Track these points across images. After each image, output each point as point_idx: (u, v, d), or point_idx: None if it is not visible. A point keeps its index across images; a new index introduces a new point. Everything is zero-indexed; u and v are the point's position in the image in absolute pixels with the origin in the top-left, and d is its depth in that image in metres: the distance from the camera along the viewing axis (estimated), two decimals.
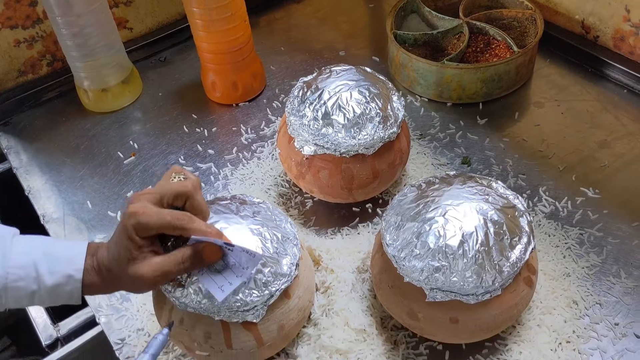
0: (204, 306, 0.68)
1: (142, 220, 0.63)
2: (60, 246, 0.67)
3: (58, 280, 0.65)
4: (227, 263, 0.67)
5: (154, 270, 0.64)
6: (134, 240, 0.63)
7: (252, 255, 0.66)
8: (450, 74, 1.11)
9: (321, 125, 0.86)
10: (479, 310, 0.70)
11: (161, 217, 0.63)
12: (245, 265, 0.67)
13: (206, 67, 1.18)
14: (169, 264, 0.64)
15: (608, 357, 0.76)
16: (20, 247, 0.66)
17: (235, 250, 0.66)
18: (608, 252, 0.88)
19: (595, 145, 1.05)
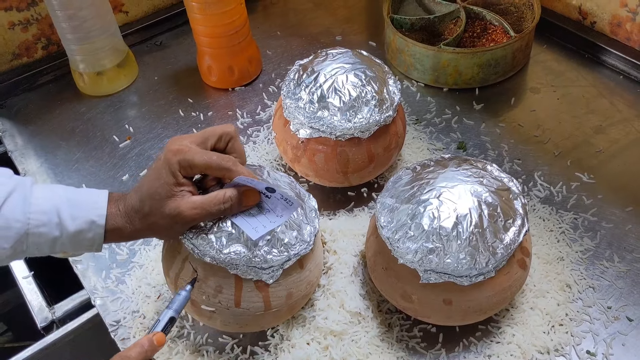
0: (222, 257, 0.67)
1: (188, 157, 0.63)
2: (82, 193, 0.67)
3: (81, 226, 0.65)
4: (262, 209, 0.68)
5: (194, 206, 0.64)
6: (176, 177, 0.63)
7: (290, 203, 0.68)
8: (447, 58, 1.10)
9: (317, 109, 0.86)
10: (473, 292, 0.71)
11: (208, 156, 0.64)
12: (280, 214, 0.68)
13: (202, 51, 1.18)
14: (209, 203, 0.64)
15: (600, 339, 0.77)
16: (42, 192, 0.65)
17: (272, 197, 0.67)
18: (602, 236, 0.88)
19: (590, 131, 1.05)
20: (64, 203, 0.65)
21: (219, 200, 0.65)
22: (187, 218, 0.64)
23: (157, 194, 0.64)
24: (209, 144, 0.67)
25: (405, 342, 0.78)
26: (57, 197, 0.65)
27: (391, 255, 0.72)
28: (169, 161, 0.64)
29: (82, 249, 0.68)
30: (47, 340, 0.91)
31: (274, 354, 0.78)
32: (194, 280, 0.69)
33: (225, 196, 0.65)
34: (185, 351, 0.79)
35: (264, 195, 0.68)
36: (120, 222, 0.67)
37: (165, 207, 0.64)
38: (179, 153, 0.64)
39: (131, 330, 0.82)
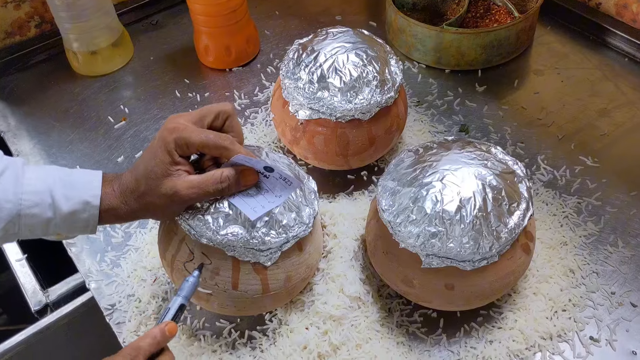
0: (219, 239, 0.66)
1: (185, 135, 0.62)
2: (75, 173, 0.66)
3: (74, 206, 0.64)
4: (260, 190, 0.67)
5: (190, 185, 0.63)
6: (172, 156, 0.62)
7: (289, 182, 0.67)
8: (449, 39, 1.08)
9: (316, 89, 0.83)
10: (475, 277, 0.69)
11: (205, 134, 0.63)
12: (278, 194, 0.67)
13: (199, 30, 1.15)
14: (206, 182, 0.63)
15: (604, 325, 0.76)
16: (34, 173, 0.64)
17: (271, 177, 0.66)
18: (606, 221, 0.87)
19: (594, 114, 1.03)
20: (57, 183, 0.63)
21: (216, 180, 0.63)
22: (184, 197, 0.63)
23: (152, 173, 0.63)
24: (205, 122, 0.65)
25: (406, 327, 0.77)
26: (50, 177, 0.64)
27: (392, 239, 0.70)
28: (164, 140, 0.62)
29: (76, 231, 0.67)
30: (41, 323, 0.90)
31: (272, 339, 0.76)
32: (202, 266, 0.67)
33: (223, 175, 0.63)
34: (181, 335, 0.78)
35: (262, 176, 0.67)
36: (115, 203, 0.65)
37: (161, 187, 0.63)
38: (175, 131, 0.62)
39: (126, 314, 0.81)
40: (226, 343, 0.77)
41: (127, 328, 0.79)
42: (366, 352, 0.74)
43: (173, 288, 0.82)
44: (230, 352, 0.76)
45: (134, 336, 0.78)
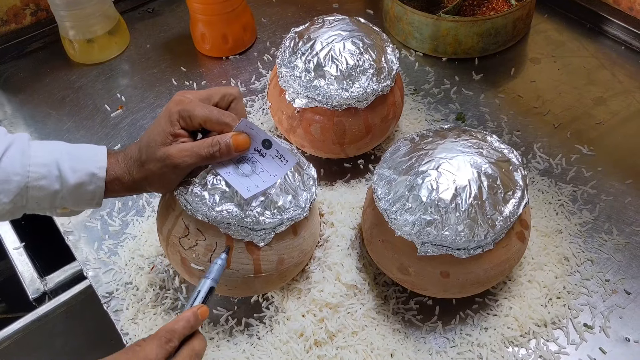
0: (214, 215, 0.66)
1: (189, 107, 0.63)
2: (81, 147, 0.67)
3: (81, 178, 0.65)
4: (255, 169, 0.67)
5: (182, 149, 0.64)
6: (173, 126, 0.64)
7: (284, 161, 0.67)
8: (446, 27, 1.08)
9: (313, 77, 0.83)
10: (470, 265, 0.70)
11: (209, 110, 0.64)
12: (273, 173, 0.67)
13: (195, 18, 1.15)
14: (198, 146, 0.64)
15: (598, 312, 0.76)
16: (40, 146, 0.65)
17: (267, 155, 0.67)
18: (601, 209, 0.87)
19: (590, 102, 1.03)
20: (63, 156, 0.64)
21: (208, 144, 0.64)
22: (176, 161, 0.64)
23: (153, 142, 0.64)
24: (211, 101, 0.67)
25: (402, 315, 0.78)
26: (56, 150, 0.65)
27: (388, 227, 0.71)
28: (169, 110, 0.64)
29: (82, 204, 0.68)
30: (39, 311, 0.90)
31: (268, 326, 0.77)
32: (228, 249, 0.67)
33: (214, 140, 0.64)
34: None
35: (258, 154, 0.67)
36: (119, 172, 0.67)
37: (157, 152, 0.64)
38: (180, 103, 0.64)
39: (124, 302, 0.81)
40: (223, 330, 0.78)
41: (125, 316, 0.80)
42: (362, 339, 0.74)
43: (170, 275, 0.83)
44: (228, 339, 0.77)
45: (132, 324, 0.79)
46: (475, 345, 0.74)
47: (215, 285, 0.64)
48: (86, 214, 0.93)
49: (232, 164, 0.67)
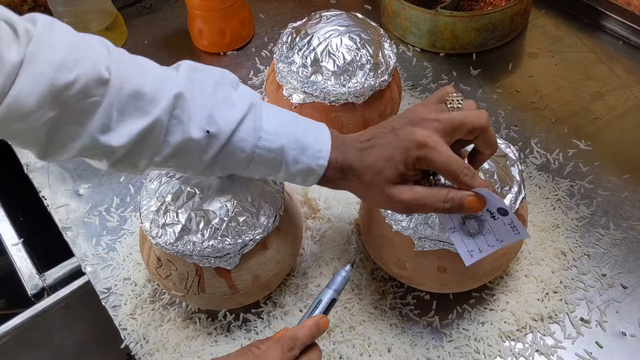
0: (176, 248, 0.67)
1: (430, 157, 0.56)
2: (309, 134, 0.62)
3: (299, 170, 0.61)
4: (482, 229, 0.62)
5: (414, 197, 0.58)
6: (408, 169, 0.58)
7: (516, 232, 0.60)
8: (444, 22, 1.08)
9: (310, 73, 0.83)
10: None
11: (448, 163, 0.56)
12: (500, 238, 0.61)
13: (193, 13, 1.15)
14: (430, 198, 0.58)
15: (594, 307, 0.77)
16: (272, 125, 0.60)
17: (498, 219, 0.60)
18: (598, 204, 0.87)
19: (588, 97, 1.03)
20: (290, 143, 0.60)
21: (441, 199, 0.58)
22: (405, 208, 0.59)
23: (382, 173, 0.59)
24: (455, 137, 0.58)
25: (399, 310, 0.78)
26: (285, 135, 0.61)
27: (385, 222, 0.71)
28: (409, 152, 0.57)
29: (289, 182, 0.66)
30: (38, 307, 0.90)
31: (266, 321, 0.77)
32: (354, 262, 0.67)
33: (448, 196, 0.58)
34: (177, 318, 0.79)
35: (489, 215, 0.61)
36: (334, 175, 0.62)
37: (386, 188, 0.59)
38: (422, 148, 0.56)
39: (122, 298, 0.81)
40: (221, 326, 0.78)
41: (123, 311, 0.80)
42: (359, 334, 0.74)
43: None
44: (226, 334, 0.77)
45: (130, 319, 0.79)
46: (472, 340, 0.74)
47: (337, 297, 0.62)
48: (84, 209, 0.93)
49: (458, 217, 0.62)
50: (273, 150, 0.60)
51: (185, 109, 0.56)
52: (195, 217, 0.67)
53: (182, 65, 0.60)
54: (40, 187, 0.98)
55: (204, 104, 0.57)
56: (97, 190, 0.96)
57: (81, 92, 0.50)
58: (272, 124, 0.61)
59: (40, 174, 1.00)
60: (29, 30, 0.49)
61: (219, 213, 0.67)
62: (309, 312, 0.60)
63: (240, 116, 0.58)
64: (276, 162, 0.61)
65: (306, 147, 0.61)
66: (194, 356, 0.75)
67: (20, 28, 0.48)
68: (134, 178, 0.97)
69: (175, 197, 0.69)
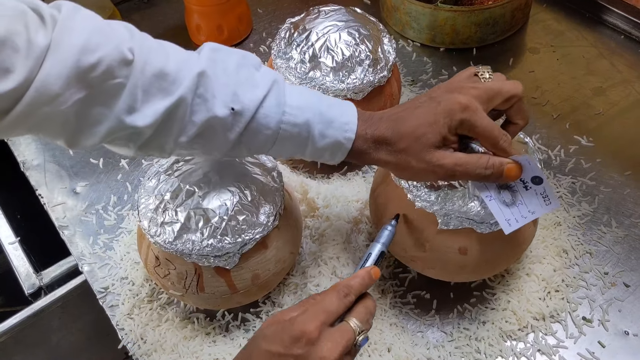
0: (175, 247, 0.66)
1: (473, 120, 0.58)
2: (333, 107, 0.61)
3: (326, 144, 0.61)
4: (515, 200, 0.63)
5: (457, 163, 0.59)
6: (451, 132, 0.59)
7: (548, 202, 0.62)
8: (444, 17, 1.07)
9: (308, 68, 0.82)
10: (489, 242, 0.67)
11: (490, 128, 0.58)
12: (532, 210, 0.62)
13: (190, 9, 1.13)
14: (472, 164, 0.59)
15: (596, 305, 0.76)
16: (296, 100, 0.60)
17: (530, 189, 0.62)
18: (600, 201, 0.87)
19: (590, 93, 1.02)
20: (316, 117, 0.60)
21: (482, 165, 0.59)
22: (447, 172, 0.59)
23: (424, 138, 0.59)
24: (492, 105, 0.60)
25: (399, 309, 0.77)
26: (309, 109, 0.60)
27: (406, 200, 0.68)
28: (453, 114, 0.58)
29: (314, 160, 0.65)
30: (35, 306, 0.90)
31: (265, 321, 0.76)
32: (398, 216, 0.65)
33: (489, 162, 0.59)
34: (175, 318, 0.78)
35: (521, 185, 0.62)
36: (364, 147, 0.62)
37: (427, 154, 0.59)
38: (466, 110, 0.58)
39: (119, 297, 0.81)
40: (220, 325, 0.77)
41: (121, 311, 0.79)
42: None
43: None
44: (224, 334, 0.76)
45: (127, 319, 0.78)
46: (473, 340, 0.74)
47: (386, 250, 0.62)
48: (81, 208, 0.92)
49: (494, 186, 0.62)
50: (298, 125, 0.60)
51: (209, 87, 0.56)
52: (195, 216, 0.66)
53: (205, 47, 0.60)
54: (36, 185, 0.97)
55: (227, 83, 0.57)
56: (94, 188, 0.95)
57: (105, 74, 0.51)
58: (295, 99, 0.60)
59: (37, 172, 0.99)
60: (54, 16, 0.50)
61: (219, 212, 0.66)
62: (360, 264, 0.61)
63: (263, 93, 0.58)
64: (302, 137, 0.60)
65: (332, 120, 0.60)
66: (192, 356, 0.74)
67: (47, 14, 0.49)
68: (131, 176, 0.96)
69: (174, 195, 0.68)
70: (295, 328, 0.51)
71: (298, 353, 0.50)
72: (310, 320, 0.51)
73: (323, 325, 0.51)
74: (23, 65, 0.46)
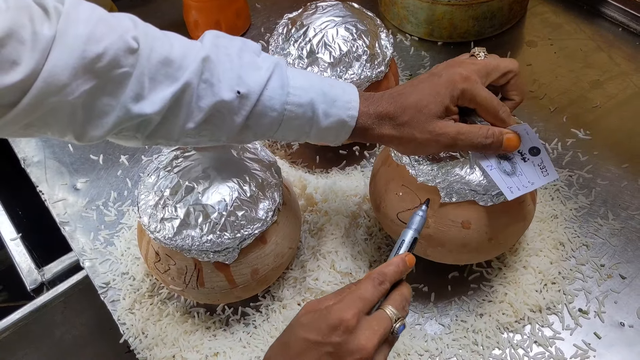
0: (175, 243, 0.67)
1: (474, 90, 0.61)
2: (335, 87, 0.63)
3: (331, 124, 0.62)
4: (514, 170, 0.65)
5: (460, 132, 0.61)
6: (453, 102, 0.61)
7: (545, 173, 0.65)
8: (442, 11, 1.07)
9: (306, 64, 0.83)
10: (491, 215, 0.68)
11: (490, 98, 0.62)
12: (531, 180, 0.64)
13: (188, 4, 1.14)
14: (473, 133, 0.61)
15: (592, 297, 0.77)
16: (299, 81, 0.61)
17: (528, 161, 0.65)
18: (597, 193, 0.87)
19: (587, 86, 1.03)
20: (319, 97, 0.61)
21: (483, 134, 0.62)
22: (450, 141, 0.61)
23: (427, 109, 0.61)
24: (491, 79, 0.64)
25: None
26: (312, 89, 0.62)
27: (408, 177, 0.69)
28: (454, 84, 0.61)
29: (319, 142, 0.66)
30: (37, 302, 0.90)
31: (265, 315, 0.77)
32: (428, 201, 0.64)
33: (489, 132, 0.62)
34: (175, 313, 0.79)
35: (519, 156, 0.65)
36: (367, 123, 0.63)
37: (429, 124, 0.61)
38: (467, 81, 0.61)
39: (120, 292, 0.82)
40: (220, 320, 0.78)
41: (122, 306, 0.80)
42: None
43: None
44: (224, 328, 0.77)
45: (129, 314, 0.79)
46: (471, 332, 0.74)
47: (418, 236, 0.61)
48: (82, 204, 0.93)
49: (494, 157, 0.65)
50: (303, 106, 0.61)
51: (214, 72, 0.57)
52: (194, 212, 0.67)
53: (207, 35, 0.61)
54: (37, 182, 0.98)
55: (232, 67, 0.58)
56: (94, 184, 0.96)
57: (111, 63, 0.52)
58: (298, 80, 0.62)
59: (38, 169, 1.00)
60: (58, 8, 0.50)
61: (218, 207, 0.67)
62: (394, 252, 0.60)
63: (267, 75, 0.60)
64: (307, 117, 0.62)
65: (335, 99, 0.62)
66: (192, 350, 0.75)
67: (51, 7, 0.50)
68: (130, 172, 0.97)
69: (173, 191, 0.69)
70: (333, 316, 0.50)
71: (336, 341, 0.50)
72: (347, 308, 0.51)
73: (360, 313, 0.51)
74: (29, 57, 0.47)
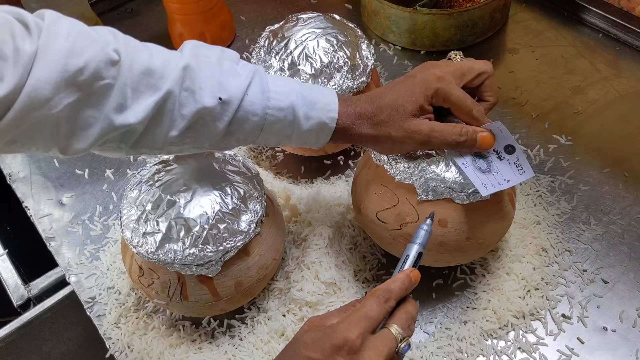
0: (158, 257, 0.67)
1: (448, 89, 0.63)
2: (314, 91, 0.64)
3: (312, 126, 0.63)
4: (490, 168, 0.66)
5: (433, 129, 0.63)
6: (427, 101, 0.63)
7: (521, 171, 0.65)
8: (423, 20, 1.08)
9: (288, 76, 0.83)
10: (468, 213, 0.68)
11: (463, 97, 0.63)
12: (507, 178, 0.65)
13: (173, 18, 1.14)
14: (447, 131, 0.63)
15: (575, 302, 0.77)
16: (278, 86, 0.63)
17: (504, 159, 0.66)
18: (578, 199, 0.88)
19: (569, 92, 1.04)
20: (299, 100, 0.63)
21: (457, 132, 0.63)
22: (424, 138, 0.63)
23: (402, 107, 0.63)
24: (465, 80, 0.65)
25: None
26: (292, 93, 0.63)
27: (387, 177, 0.70)
28: (428, 83, 0.63)
29: (303, 145, 0.67)
30: (24, 317, 0.90)
31: (250, 327, 0.78)
32: (433, 214, 0.65)
33: (463, 130, 0.63)
34: (161, 326, 0.79)
35: (495, 155, 0.66)
36: (347, 124, 0.65)
37: (404, 122, 0.63)
38: (440, 80, 0.63)
39: (106, 307, 0.82)
40: (205, 332, 0.78)
41: (108, 320, 0.80)
42: None
43: None
44: (210, 341, 0.77)
45: (114, 328, 0.79)
46: (455, 339, 0.75)
47: (423, 251, 0.61)
48: (67, 219, 0.93)
49: (469, 155, 0.66)
50: (284, 109, 0.62)
51: (195, 80, 0.58)
52: (176, 226, 0.67)
53: (186, 44, 0.62)
54: (23, 197, 0.98)
55: (212, 74, 0.59)
56: (80, 199, 0.96)
57: (93, 75, 0.52)
58: (277, 85, 0.63)
59: (23, 184, 1.00)
60: (38, 23, 0.51)
61: (200, 221, 0.67)
62: (398, 268, 0.59)
63: (247, 82, 0.61)
64: (288, 121, 0.63)
65: (314, 102, 0.63)
66: None
67: (31, 23, 0.50)
68: (116, 185, 0.97)
69: (155, 205, 0.69)
70: (338, 336, 0.50)
71: None
72: (351, 327, 0.50)
73: (365, 333, 0.51)
74: (12, 73, 0.48)
